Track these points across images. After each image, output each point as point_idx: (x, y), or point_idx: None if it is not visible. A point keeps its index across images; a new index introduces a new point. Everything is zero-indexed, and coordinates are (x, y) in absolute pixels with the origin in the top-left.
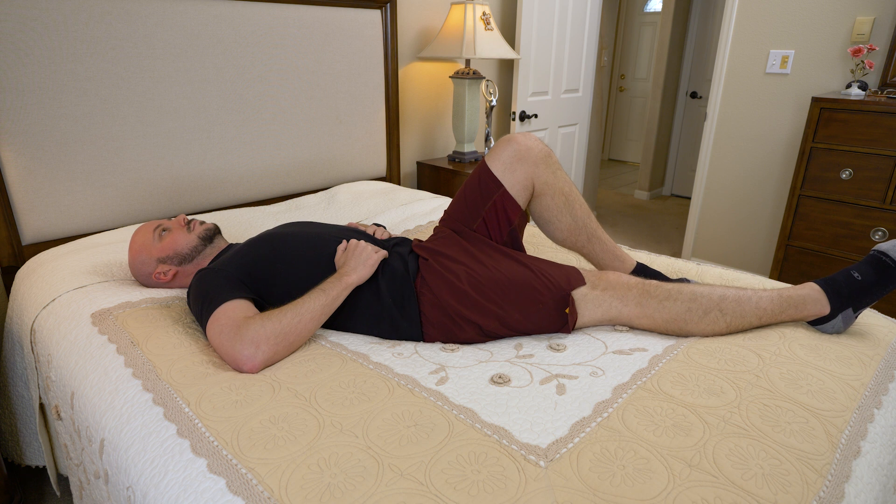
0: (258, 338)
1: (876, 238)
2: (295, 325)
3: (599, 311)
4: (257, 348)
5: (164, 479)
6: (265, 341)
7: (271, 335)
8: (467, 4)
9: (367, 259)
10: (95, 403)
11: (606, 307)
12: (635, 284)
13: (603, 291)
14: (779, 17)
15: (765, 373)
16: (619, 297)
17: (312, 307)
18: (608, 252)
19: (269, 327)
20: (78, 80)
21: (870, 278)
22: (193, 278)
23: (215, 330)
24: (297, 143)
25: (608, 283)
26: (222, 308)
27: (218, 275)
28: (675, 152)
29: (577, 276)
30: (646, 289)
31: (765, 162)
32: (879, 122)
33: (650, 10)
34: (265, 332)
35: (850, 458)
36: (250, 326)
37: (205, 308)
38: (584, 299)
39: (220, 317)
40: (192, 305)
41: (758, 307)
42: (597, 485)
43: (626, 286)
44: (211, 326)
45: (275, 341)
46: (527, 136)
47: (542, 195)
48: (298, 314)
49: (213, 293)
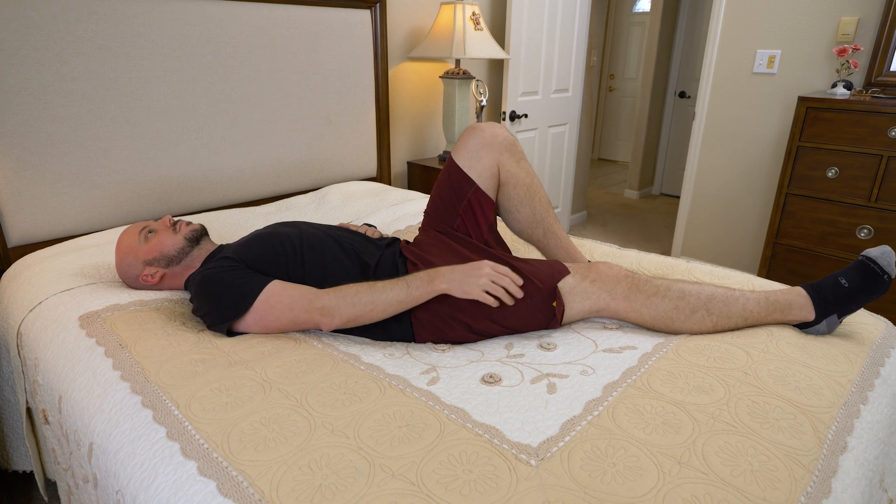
0: (333, 313)
1: (861, 235)
2: (367, 312)
3: (588, 303)
4: (332, 319)
5: (153, 482)
6: (339, 317)
7: (345, 315)
8: (457, 4)
9: (476, 283)
10: (84, 407)
11: (595, 299)
12: (625, 277)
13: (592, 283)
14: (765, 18)
15: (753, 370)
16: (607, 289)
17: (388, 299)
18: (562, 249)
19: (344, 310)
20: (64, 80)
21: (856, 285)
22: (199, 278)
23: (276, 307)
24: (287, 143)
25: (598, 274)
26: (270, 290)
27: (233, 270)
28: (665, 152)
29: (562, 267)
30: (635, 283)
31: (752, 161)
32: (864, 121)
33: (639, 10)
34: (340, 311)
35: (836, 454)
36: (322, 300)
37: (241, 300)
38: (571, 291)
39: (271, 296)
40: (208, 301)
41: (744, 309)
42: (587, 483)
43: (615, 279)
44: (262, 308)
45: (346, 319)
46: (492, 124)
47: (506, 184)
48: (373, 302)
49: (241, 283)
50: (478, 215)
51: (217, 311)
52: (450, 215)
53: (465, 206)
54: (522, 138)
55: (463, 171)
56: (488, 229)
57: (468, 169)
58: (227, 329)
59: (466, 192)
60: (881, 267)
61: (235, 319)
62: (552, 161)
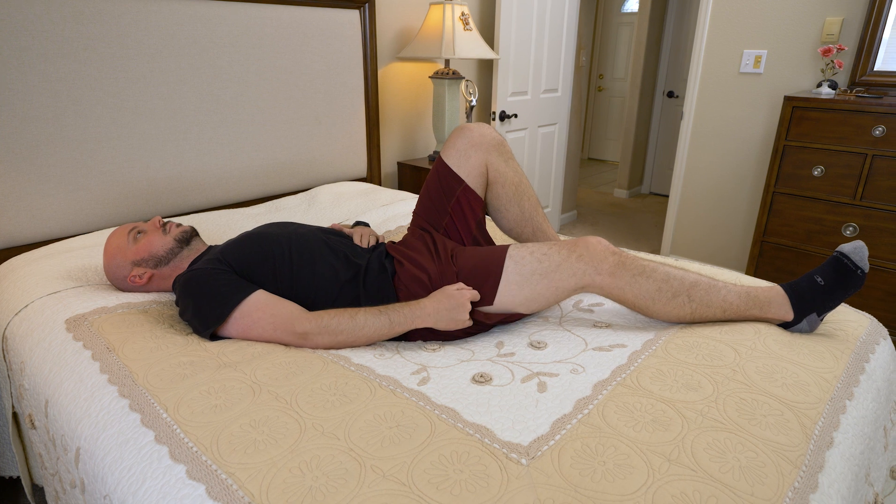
0: (314, 340)
1: (847, 233)
2: (348, 341)
3: (573, 279)
4: (312, 345)
5: (142, 486)
6: (319, 345)
7: (324, 344)
8: (446, 5)
9: (460, 317)
10: (70, 411)
11: (580, 275)
12: (612, 254)
13: (578, 259)
14: (752, 18)
15: (741, 367)
16: (594, 265)
17: (369, 332)
18: None
19: (324, 339)
20: (49, 81)
21: (832, 282)
22: (183, 280)
23: (259, 322)
24: (276, 143)
25: (586, 248)
26: (254, 303)
27: (218, 273)
28: (654, 151)
29: (499, 262)
30: (622, 260)
31: (740, 160)
32: (849, 120)
33: (627, 10)
34: (320, 340)
35: (823, 449)
36: (304, 325)
37: (218, 307)
38: (558, 268)
39: (255, 310)
40: (190, 305)
41: (724, 300)
42: (578, 481)
43: (602, 254)
44: (244, 320)
45: (326, 346)
46: (481, 124)
47: (494, 183)
48: (354, 333)
49: (223, 289)
50: (467, 214)
51: (198, 315)
52: (439, 214)
53: (454, 205)
54: (512, 138)
55: (452, 171)
56: (477, 227)
57: (457, 168)
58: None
59: (455, 191)
60: (854, 262)
61: (216, 326)
62: (542, 161)
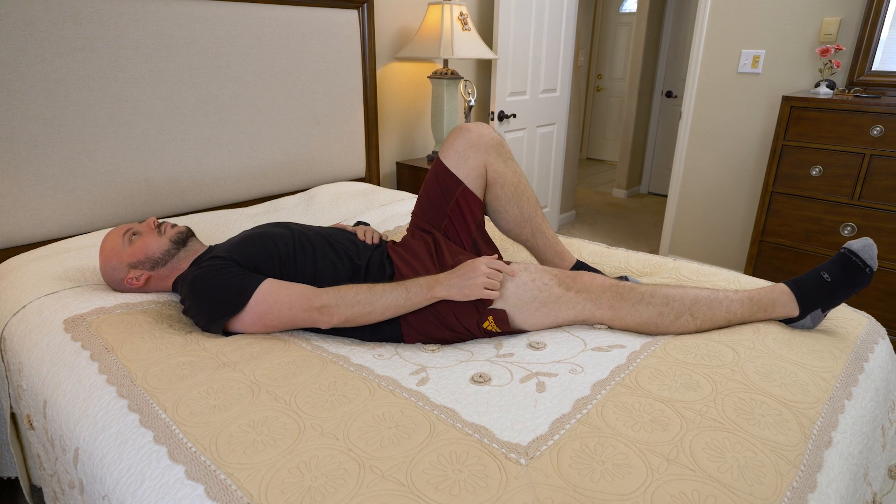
0: (332, 311)
1: (845, 233)
2: (365, 313)
3: (573, 312)
4: (331, 318)
5: (140, 486)
6: (337, 316)
7: (344, 315)
8: (444, 5)
9: (475, 283)
10: (69, 412)
11: (580, 309)
12: (609, 287)
13: (577, 294)
14: (750, 18)
15: (740, 367)
16: (592, 300)
17: (387, 302)
18: (550, 248)
19: (343, 310)
20: (47, 81)
21: (838, 279)
22: (192, 277)
23: (276, 304)
24: (275, 144)
25: (582, 285)
26: (267, 289)
27: (228, 267)
28: (652, 151)
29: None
30: (619, 292)
31: (738, 159)
32: (847, 120)
33: (625, 10)
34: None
35: (821, 449)
36: (322, 298)
37: (234, 296)
38: (557, 301)
39: (270, 293)
40: (200, 301)
41: (728, 311)
42: (577, 481)
43: (600, 289)
44: (260, 305)
45: (344, 319)
46: (479, 124)
47: (493, 184)
48: (371, 304)
49: (236, 280)
50: (466, 215)
51: (211, 309)
52: (438, 215)
53: (453, 207)
54: (511, 138)
55: (450, 172)
56: (476, 229)
57: (456, 169)
58: (222, 328)
59: (454, 192)
60: (863, 260)
61: (231, 316)
62: (541, 161)
